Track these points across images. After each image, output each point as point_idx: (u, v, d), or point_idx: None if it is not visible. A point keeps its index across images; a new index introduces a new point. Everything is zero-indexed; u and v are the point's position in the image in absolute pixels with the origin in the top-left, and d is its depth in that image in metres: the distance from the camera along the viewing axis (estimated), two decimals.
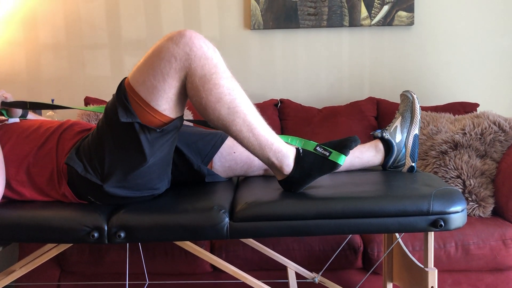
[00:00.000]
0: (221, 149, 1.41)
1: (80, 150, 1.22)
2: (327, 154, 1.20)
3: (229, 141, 1.42)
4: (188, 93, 1.13)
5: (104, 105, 1.27)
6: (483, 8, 2.41)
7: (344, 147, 1.20)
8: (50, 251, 1.38)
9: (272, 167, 1.22)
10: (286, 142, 1.24)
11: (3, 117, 1.42)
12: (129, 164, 1.17)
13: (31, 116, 1.50)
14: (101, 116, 2.14)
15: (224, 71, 1.12)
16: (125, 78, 1.17)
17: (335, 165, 1.20)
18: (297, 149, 1.22)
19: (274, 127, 1.23)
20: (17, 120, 1.41)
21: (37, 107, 1.37)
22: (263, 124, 1.18)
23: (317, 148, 1.21)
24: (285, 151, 1.19)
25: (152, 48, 1.13)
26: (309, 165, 1.20)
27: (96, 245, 1.78)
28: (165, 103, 1.13)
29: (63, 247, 1.37)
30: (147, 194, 1.25)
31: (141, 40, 2.48)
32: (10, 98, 1.37)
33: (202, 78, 1.10)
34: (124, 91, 1.14)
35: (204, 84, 1.10)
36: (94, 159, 1.18)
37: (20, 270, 1.39)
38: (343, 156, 1.20)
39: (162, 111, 1.13)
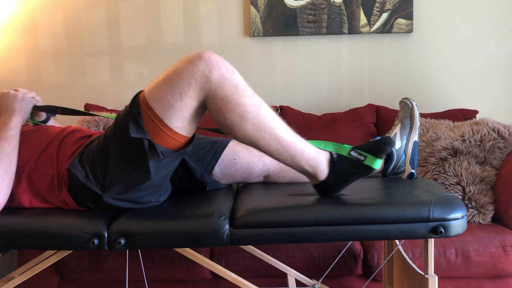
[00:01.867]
0: (221, 156, 1.41)
1: (84, 157, 1.22)
2: (362, 158, 1.19)
3: (229, 148, 1.42)
4: (211, 114, 1.13)
5: None
6: (482, 15, 2.42)
7: (379, 151, 1.19)
8: (49, 258, 1.37)
9: (306, 175, 1.21)
10: (319, 148, 1.23)
11: None
12: (132, 178, 1.18)
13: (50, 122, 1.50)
14: (103, 121, 2.15)
15: (244, 89, 1.12)
16: (140, 92, 1.16)
17: (370, 169, 1.19)
18: (331, 154, 1.21)
19: None
20: None
21: (67, 112, 1.37)
22: (291, 135, 1.18)
23: (352, 152, 1.20)
24: (317, 157, 1.19)
25: (172, 68, 1.13)
26: (344, 170, 1.19)
27: (96, 252, 1.78)
28: (179, 121, 1.13)
29: (62, 254, 1.36)
30: (146, 206, 1.25)
31: (141, 47, 2.48)
32: (40, 101, 1.38)
33: (223, 99, 1.10)
34: (137, 106, 1.13)
35: (226, 105, 1.10)
36: (98, 167, 1.18)
37: (19, 277, 1.38)
38: (378, 160, 1.18)
39: (175, 129, 1.13)
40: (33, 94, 1.37)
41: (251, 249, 1.65)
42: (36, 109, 1.37)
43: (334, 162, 1.20)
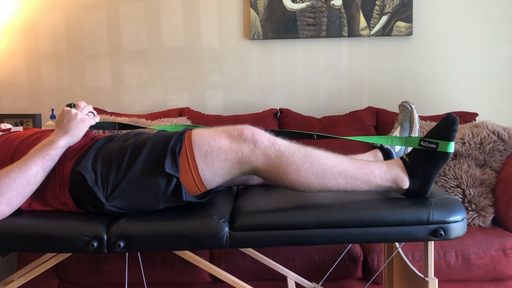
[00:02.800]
0: None
1: (98, 160, 1.21)
2: (434, 146, 1.16)
3: None
4: (269, 181, 1.20)
5: (180, 126, 1.34)
6: (481, 18, 2.43)
7: (449, 133, 1.16)
8: (48, 261, 1.37)
9: (391, 190, 1.22)
10: (386, 144, 1.23)
11: (4, 126, 1.42)
12: (140, 201, 1.19)
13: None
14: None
15: (288, 149, 1.16)
16: (189, 129, 1.21)
17: (447, 155, 1.16)
18: (403, 159, 1.20)
19: None
20: (20, 129, 1.41)
21: (125, 127, 1.36)
22: (353, 162, 1.19)
23: (422, 143, 1.18)
24: (390, 170, 1.19)
25: (224, 133, 1.18)
26: (422, 168, 1.17)
27: (95, 255, 1.78)
28: (211, 176, 1.18)
29: (62, 256, 1.36)
30: None
31: (141, 50, 2.49)
32: (97, 116, 1.35)
33: (273, 165, 1.16)
34: (181, 143, 1.17)
35: (278, 168, 1.16)
36: (111, 175, 1.18)
37: (18, 280, 1.38)
38: (451, 143, 1.15)
39: (203, 180, 1.18)
40: (90, 108, 1.34)
41: (251, 252, 1.65)
42: (94, 128, 1.33)
43: (409, 165, 1.19)
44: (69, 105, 1.30)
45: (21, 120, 2.46)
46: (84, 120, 1.26)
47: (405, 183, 1.19)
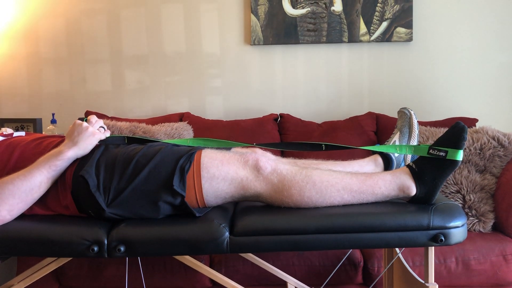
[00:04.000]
0: None
1: (101, 164, 1.22)
2: (443, 154, 1.17)
3: None
4: (275, 204, 1.22)
5: (187, 140, 1.36)
6: (481, 24, 2.44)
7: (457, 141, 1.16)
8: (49, 265, 1.37)
9: (399, 198, 1.22)
10: (394, 152, 1.24)
11: (5, 131, 1.43)
12: (140, 211, 1.20)
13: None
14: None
15: (289, 172, 1.20)
16: (200, 150, 1.23)
17: (455, 163, 1.17)
18: (410, 167, 1.21)
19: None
20: (22, 134, 1.42)
21: (134, 141, 1.37)
22: (355, 176, 1.20)
23: (431, 151, 1.19)
24: (395, 178, 1.20)
25: (229, 159, 1.21)
26: (430, 175, 1.18)
27: (95, 260, 1.78)
28: (213, 197, 1.21)
29: (62, 261, 1.36)
30: None
31: (142, 55, 2.50)
32: (108, 131, 1.35)
33: (276, 190, 1.20)
34: (190, 162, 1.19)
35: (281, 192, 1.19)
36: (113, 182, 1.19)
37: (18, 285, 1.38)
38: (460, 151, 1.16)
39: (205, 200, 1.21)
40: (101, 123, 1.34)
41: (251, 257, 1.65)
42: (103, 142, 1.32)
43: (417, 172, 1.19)
44: (81, 119, 1.31)
45: (22, 124, 2.47)
46: (94, 134, 1.27)
47: (412, 190, 1.19)
